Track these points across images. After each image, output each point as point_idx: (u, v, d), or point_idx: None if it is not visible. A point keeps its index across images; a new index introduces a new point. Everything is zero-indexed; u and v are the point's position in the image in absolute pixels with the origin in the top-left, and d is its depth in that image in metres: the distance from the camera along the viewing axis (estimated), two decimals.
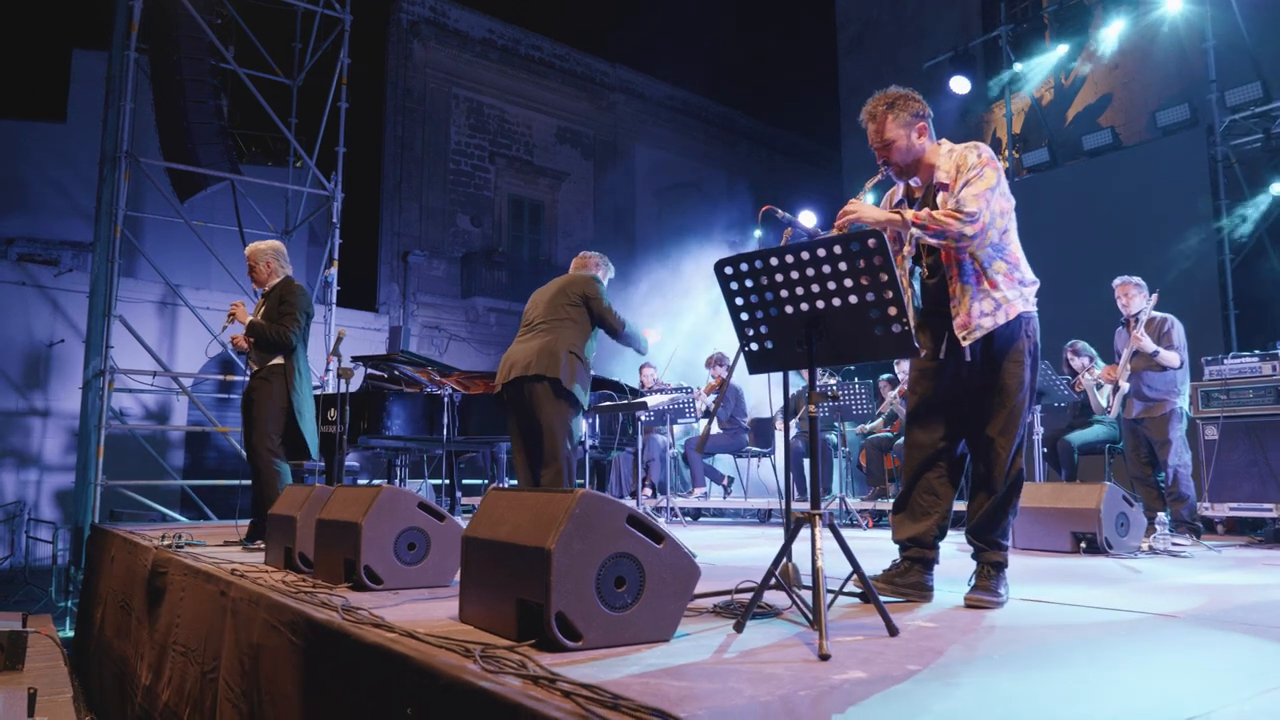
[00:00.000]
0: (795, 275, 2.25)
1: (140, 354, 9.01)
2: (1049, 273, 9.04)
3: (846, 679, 1.76)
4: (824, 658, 1.92)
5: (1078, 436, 6.33)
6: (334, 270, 9.28)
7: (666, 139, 20.80)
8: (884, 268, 2.14)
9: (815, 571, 2.10)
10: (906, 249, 2.95)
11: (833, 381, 7.40)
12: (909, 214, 2.71)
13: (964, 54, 10.18)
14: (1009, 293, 2.78)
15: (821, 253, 2.19)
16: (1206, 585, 3.31)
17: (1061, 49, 9.70)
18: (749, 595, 2.37)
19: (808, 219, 10.49)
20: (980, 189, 2.69)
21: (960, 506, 3.13)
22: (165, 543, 4.65)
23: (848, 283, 2.20)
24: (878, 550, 3.69)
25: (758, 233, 11.65)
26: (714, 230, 14.07)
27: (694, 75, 20.92)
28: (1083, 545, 4.46)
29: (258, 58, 10.29)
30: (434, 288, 17.02)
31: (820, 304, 2.25)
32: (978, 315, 2.74)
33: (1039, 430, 5.55)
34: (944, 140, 2.93)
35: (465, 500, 7.50)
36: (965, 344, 2.75)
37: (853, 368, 8.13)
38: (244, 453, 5.28)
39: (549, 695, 1.59)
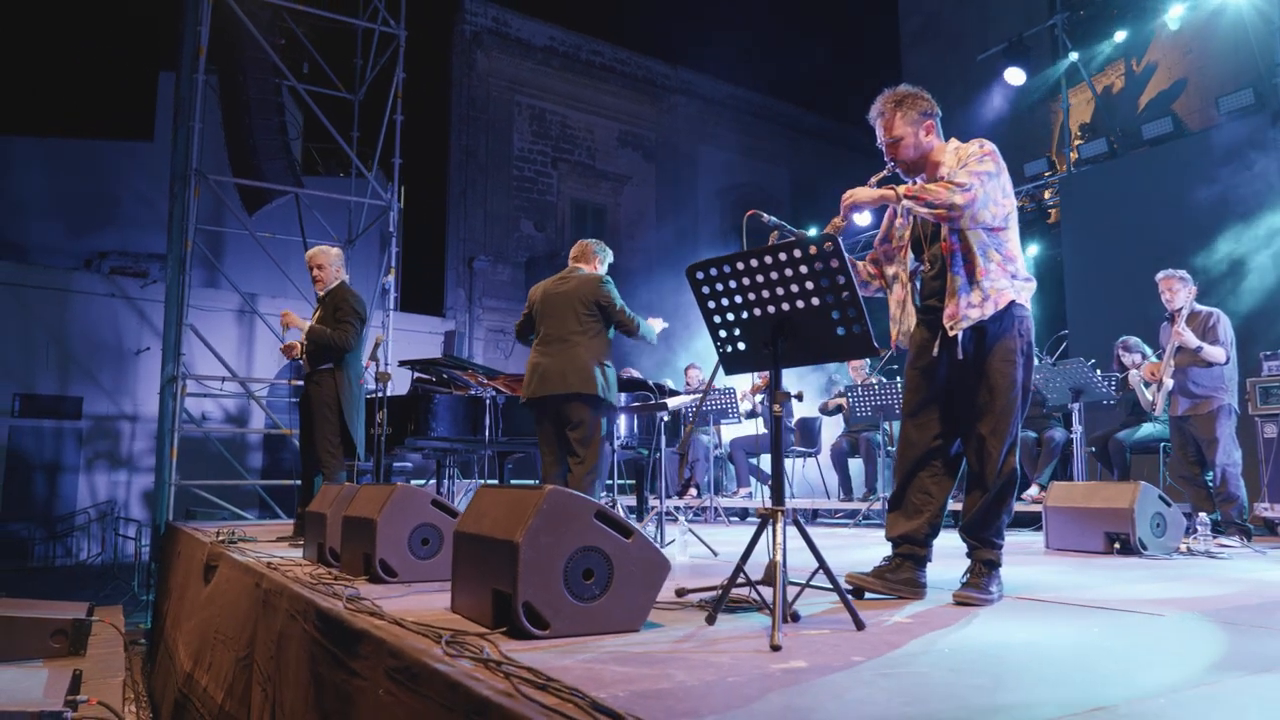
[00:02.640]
0: (761, 279, 2.31)
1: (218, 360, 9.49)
2: (1106, 267, 8.78)
3: (784, 668, 1.82)
4: (775, 648, 1.98)
5: (1129, 435, 6.17)
6: (391, 278, 9.62)
7: (729, 139, 20.77)
8: (841, 270, 2.19)
9: (773, 566, 2.17)
10: (905, 233, 2.98)
11: (874, 381, 7.35)
12: (901, 188, 2.74)
13: (1019, 44, 9.94)
14: (1000, 282, 2.79)
15: (783, 256, 2.26)
16: (1219, 585, 3.23)
17: (1120, 35, 9.41)
18: (742, 589, 2.46)
19: (863, 219, 10.38)
20: (976, 169, 2.72)
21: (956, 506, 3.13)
22: (220, 538, 4.94)
23: (809, 285, 2.26)
24: None
25: (811, 230, 11.56)
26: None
27: (756, 74, 20.84)
28: (1116, 546, 4.37)
29: (324, 75, 10.74)
30: (499, 292, 17.38)
31: (786, 306, 2.31)
32: (965, 306, 2.76)
33: (1076, 428, 5.43)
34: (953, 139, 2.97)
35: None
36: (951, 333, 2.77)
37: (895, 365, 8.04)
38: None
39: (491, 676, 1.70)
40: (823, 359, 2.38)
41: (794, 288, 2.27)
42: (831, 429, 8.14)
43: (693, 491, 7.91)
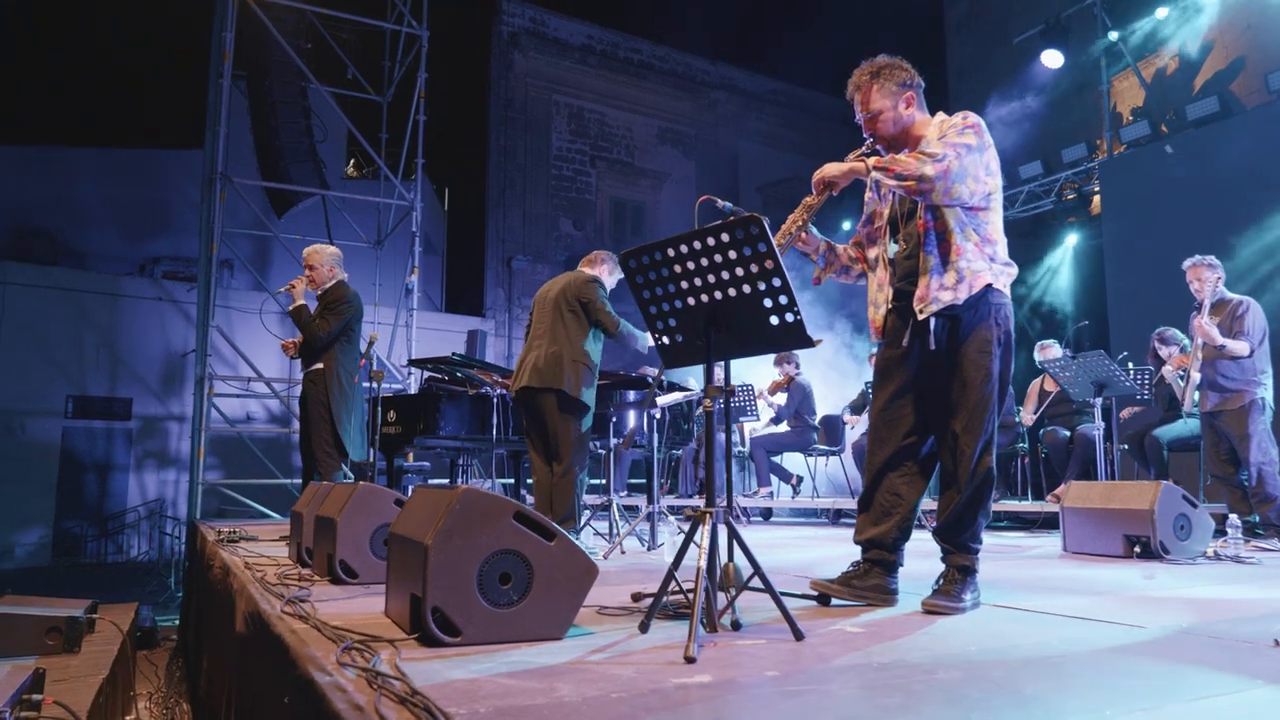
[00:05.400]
0: (692, 266, 2.18)
1: (266, 360, 9.63)
2: (1148, 254, 8.35)
3: (686, 683, 1.69)
4: (689, 660, 1.85)
5: (1166, 432, 5.85)
6: (415, 278, 9.63)
7: (770, 134, 20.51)
8: (769, 254, 2.05)
9: (698, 572, 2.04)
10: (885, 211, 2.81)
11: None
12: (871, 160, 2.58)
13: (1056, 25, 9.55)
14: (977, 264, 2.61)
15: (711, 241, 2.12)
16: (1232, 594, 2.99)
17: (1162, 12, 8.96)
18: (690, 595, 2.33)
19: None
20: (954, 140, 2.55)
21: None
22: (220, 537, 4.96)
23: (739, 271, 2.12)
24: (923, 552, 3.41)
25: (846, 225, 11.31)
26: (821, 222, 13.75)
27: (797, 67, 20.53)
28: (1137, 550, 4.12)
29: (351, 79, 10.84)
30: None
31: (718, 294, 2.18)
32: (936, 287, 2.59)
33: (1097, 425, 5.14)
34: (940, 113, 2.81)
35: (531, 498, 7.62)
36: (921, 317, 2.60)
37: None
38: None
39: (361, 690, 1.61)
40: (759, 350, 2.24)
41: (724, 274, 2.14)
42: (857, 427, 7.90)
43: None
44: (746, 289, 2.12)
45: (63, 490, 12.81)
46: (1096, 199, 9.64)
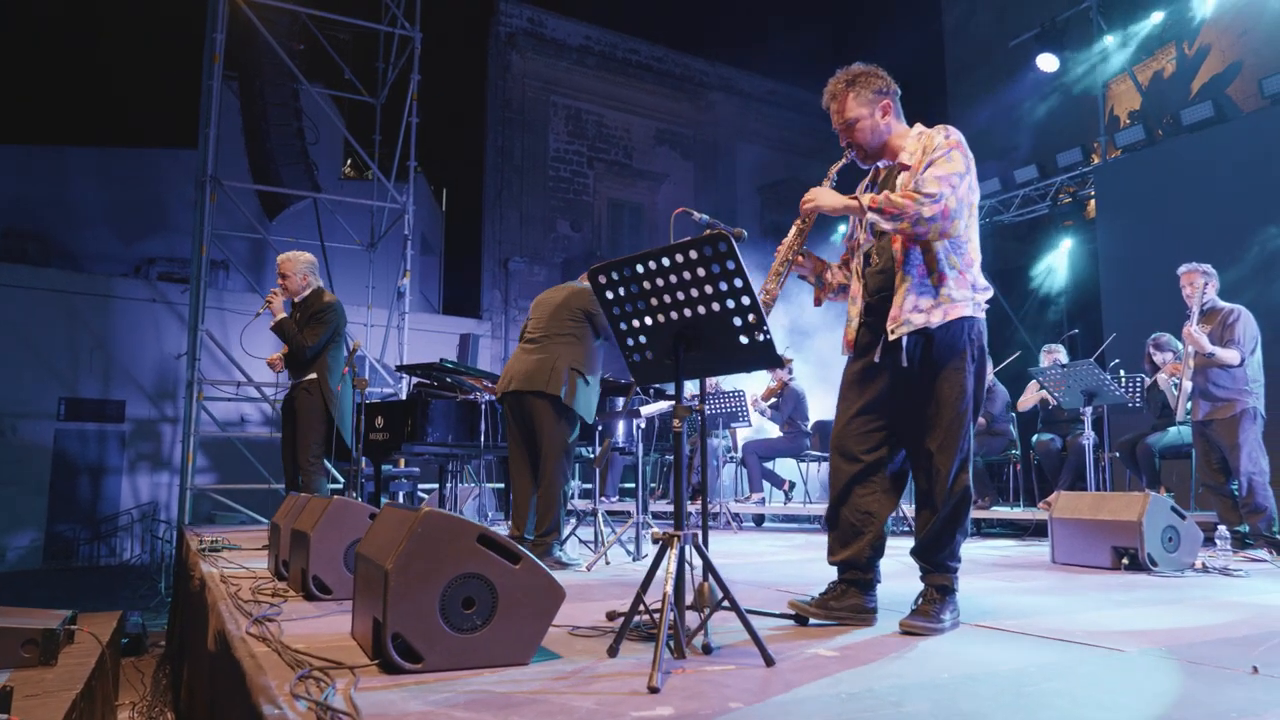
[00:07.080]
0: (661, 282, 2.14)
1: (261, 362, 9.56)
2: (1144, 260, 8.31)
3: (644, 716, 1.65)
4: (651, 690, 1.81)
5: (1158, 440, 5.81)
6: (406, 281, 9.59)
7: (768, 135, 20.46)
8: (737, 272, 2.00)
9: (664, 597, 1.99)
10: (861, 236, 2.77)
11: None
12: (866, 198, 2.54)
13: (1051, 29, 9.50)
14: (956, 293, 2.56)
15: (680, 258, 2.08)
16: (1216, 612, 2.94)
17: (1157, 16, 8.91)
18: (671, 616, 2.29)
19: None
20: (945, 171, 2.50)
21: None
22: (201, 546, 4.91)
23: (708, 289, 2.07)
24: (905, 569, 3.34)
25: (842, 227, 11.25)
26: (819, 224, 13.72)
27: (795, 69, 20.45)
28: (1124, 562, 4.08)
29: (348, 80, 10.79)
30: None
31: (688, 312, 2.13)
32: (909, 309, 2.54)
33: (1089, 435, 5.09)
34: (918, 124, 2.76)
35: None
36: (892, 337, 2.55)
37: None
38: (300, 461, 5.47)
39: None
40: (729, 369, 2.20)
41: (694, 292, 2.09)
42: None
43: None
44: (715, 307, 2.08)
45: (55, 493, 12.77)
46: (1092, 203, 9.59)
